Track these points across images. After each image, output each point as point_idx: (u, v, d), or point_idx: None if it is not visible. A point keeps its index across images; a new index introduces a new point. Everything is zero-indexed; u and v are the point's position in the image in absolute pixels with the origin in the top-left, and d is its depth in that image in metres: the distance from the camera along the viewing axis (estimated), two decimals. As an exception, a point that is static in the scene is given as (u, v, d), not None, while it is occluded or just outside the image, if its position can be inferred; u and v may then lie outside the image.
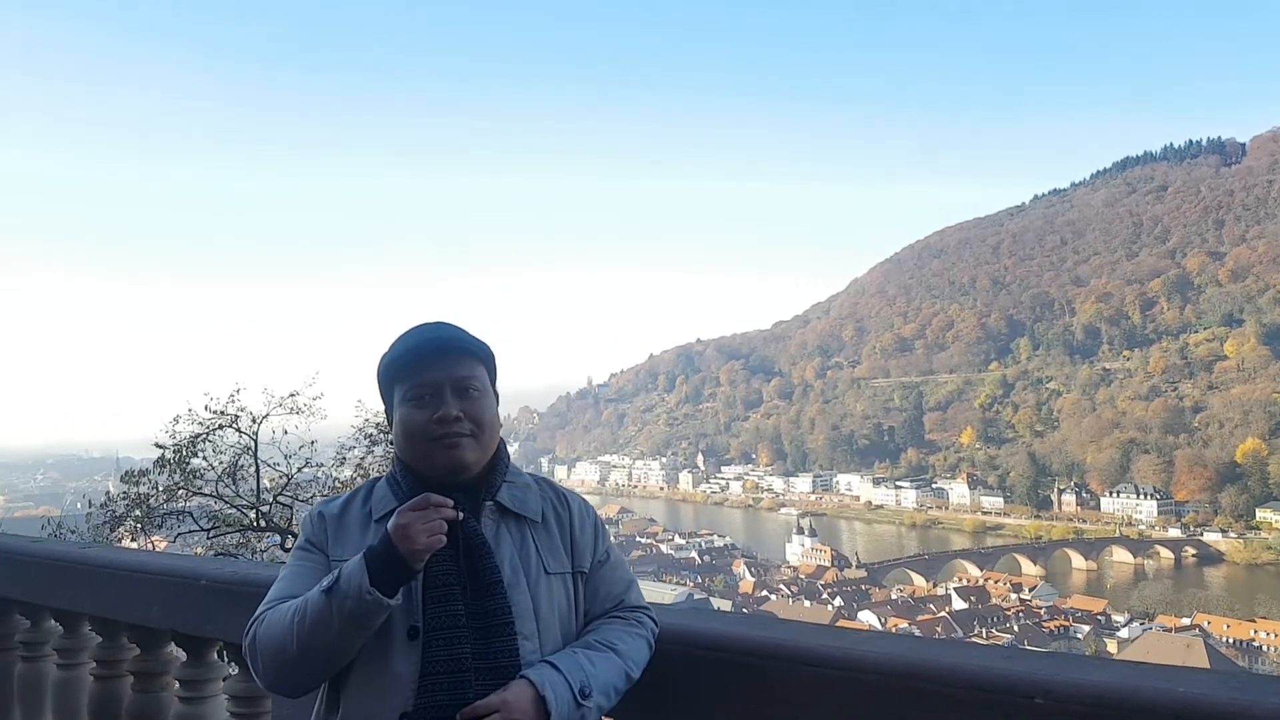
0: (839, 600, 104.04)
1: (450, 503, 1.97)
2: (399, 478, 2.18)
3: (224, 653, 3.56)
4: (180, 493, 17.37)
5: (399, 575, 1.91)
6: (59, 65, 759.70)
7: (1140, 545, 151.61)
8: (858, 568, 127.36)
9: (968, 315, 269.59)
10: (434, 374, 2.11)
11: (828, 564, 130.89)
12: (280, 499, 17.66)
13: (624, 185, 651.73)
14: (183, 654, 3.54)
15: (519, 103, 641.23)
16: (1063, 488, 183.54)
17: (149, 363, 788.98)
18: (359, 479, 16.56)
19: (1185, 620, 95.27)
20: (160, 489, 17.25)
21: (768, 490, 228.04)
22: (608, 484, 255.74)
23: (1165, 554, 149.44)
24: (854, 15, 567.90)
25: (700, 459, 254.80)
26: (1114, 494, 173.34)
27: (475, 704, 1.89)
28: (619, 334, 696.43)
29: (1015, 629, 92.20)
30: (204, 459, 17.56)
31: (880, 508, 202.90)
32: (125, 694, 3.68)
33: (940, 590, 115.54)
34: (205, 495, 17.58)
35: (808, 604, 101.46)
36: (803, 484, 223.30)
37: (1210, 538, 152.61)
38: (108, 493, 18.47)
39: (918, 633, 67.07)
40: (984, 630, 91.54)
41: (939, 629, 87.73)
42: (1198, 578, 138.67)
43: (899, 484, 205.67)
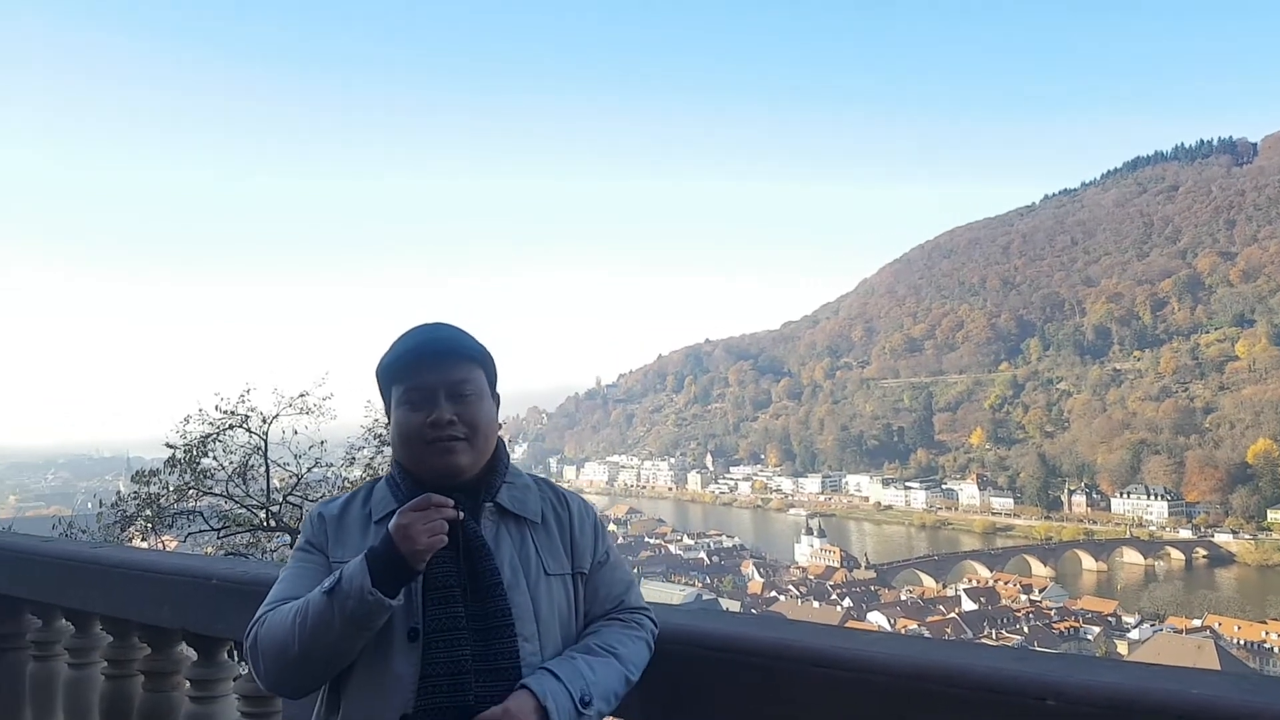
0: (848, 601, 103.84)
1: (451, 503, 1.97)
2: (398, 479, 2.17)
3: (235, 652, 3.56)
4: (191, 492, 17.48)
5: (401, 576, 1.91)
6: (58, 64, 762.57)
7: (1151, 546, 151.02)
8: (867, 569, 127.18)
9: (978, 315, 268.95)
10: (429, 377, 2.10)
11: (837, 565, 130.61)
12: (290, 499, 17.73)
13: (633, 186, 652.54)
14: (194, 653, 3.54)
15: (525, 103, 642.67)
16: (1073, 489, 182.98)
17: (148, 363, 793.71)
18: (368, 479, 16.57)
19: (1196, 622, 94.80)
20: (171, 489, 17.35)
21: (776, 491, 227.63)
22: (616, 484, 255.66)
23: (1176, 555, 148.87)
24: (861, 14, 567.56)
25: (709, 459, 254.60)
26: (1124, 495, 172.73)
27: (478, 716, 1.90)
28: (627, 334, 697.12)
29: (1025, 630, 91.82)
30: (214, 459, 17.66)
31: (889, 508, 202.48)
32: (136, 693, 3.68)
33: (950, 591, 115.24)
34: (215, 495, 17.69)
35: (816, 605, 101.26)
36: (812, 484, 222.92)
37: (1221, 539, 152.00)
38: (118, 492, 18.61)
39: (927, 634, 66.94)
40: (994, 631, 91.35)
41: (948, 630, 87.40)
42: (1209, 579, 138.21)
43: (908, 485, 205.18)
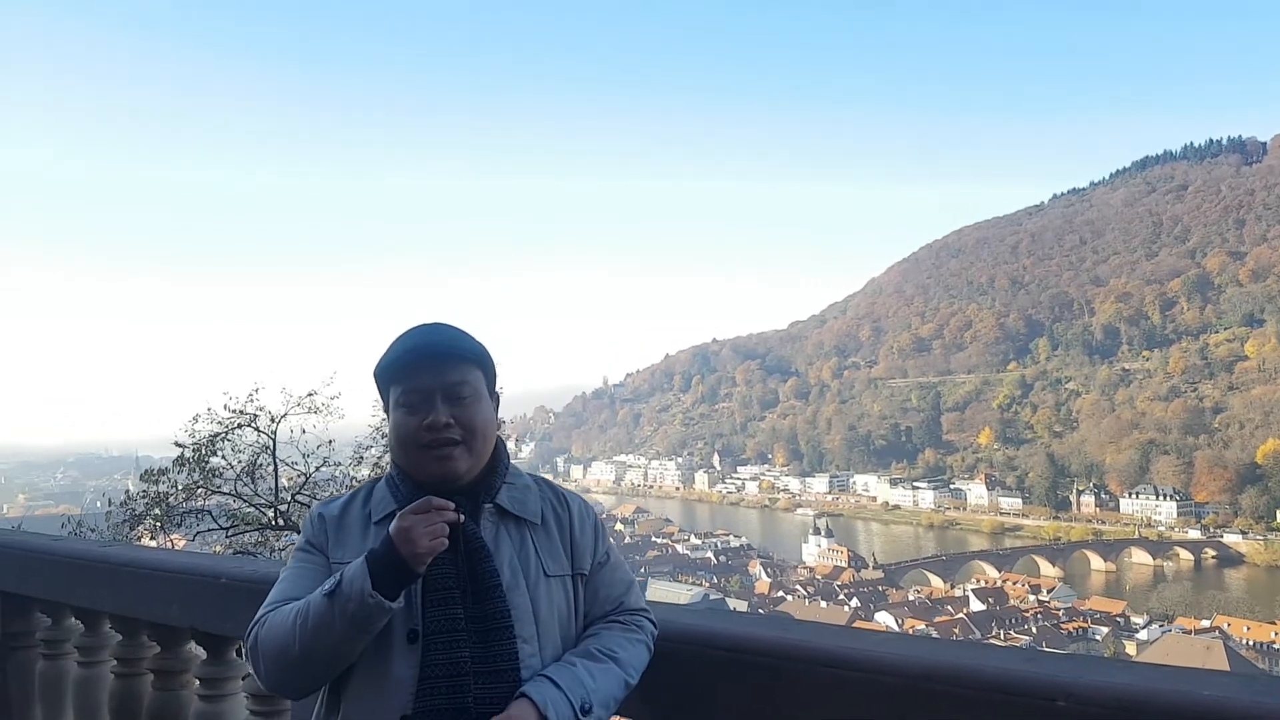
0: (855, 601, 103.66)
1: (451, 505, 1.96)
2: (397, 480, 2.16)
3: (243, 651, 3.57)
4: (199, 491, 17.47)
5: (401, 578, 1.91)
6: (58, 64, 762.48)
7: (1159, 547, 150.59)
8: (874, 568, 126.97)
9: (986, 315, 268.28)
10: (425, 379, 2.08)
11: (844, 565, 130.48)
12: (298, 498, 17.71)
13: (641, 185, 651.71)
14: (202, 652, 3.54)
15: (525, 103, 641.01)
16: (1081, 489, 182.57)
17: (149, 362, 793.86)
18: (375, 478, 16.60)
19: (1205, 622, 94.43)
20: (179, 488, 17.35)
21: (784, 490, 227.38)
22: (623, 484, 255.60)
23: (1185, 555, 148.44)
24: (866, 14, 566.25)
25: (716, 459, 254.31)
26: (1133, 495, 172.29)
27: None
28: (635, 334, 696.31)
29: (1033, 631, 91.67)
30: (223, 458, 17.64)
31: (897, 508, 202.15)
32: (145, 692, 3.68)
33: (958, 591, 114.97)
34: (224, 494, 17.68)
35: (824, 605, 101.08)
36: (819, 484, 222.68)
37: (1230, 539, 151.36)
38: (127, 491, 18.62)
39: (935, 634, 66.76)
40: (1002, 632, 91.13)
41: (956, 630, 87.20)
42: (1217, 579, 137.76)
43: (916, 485, 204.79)
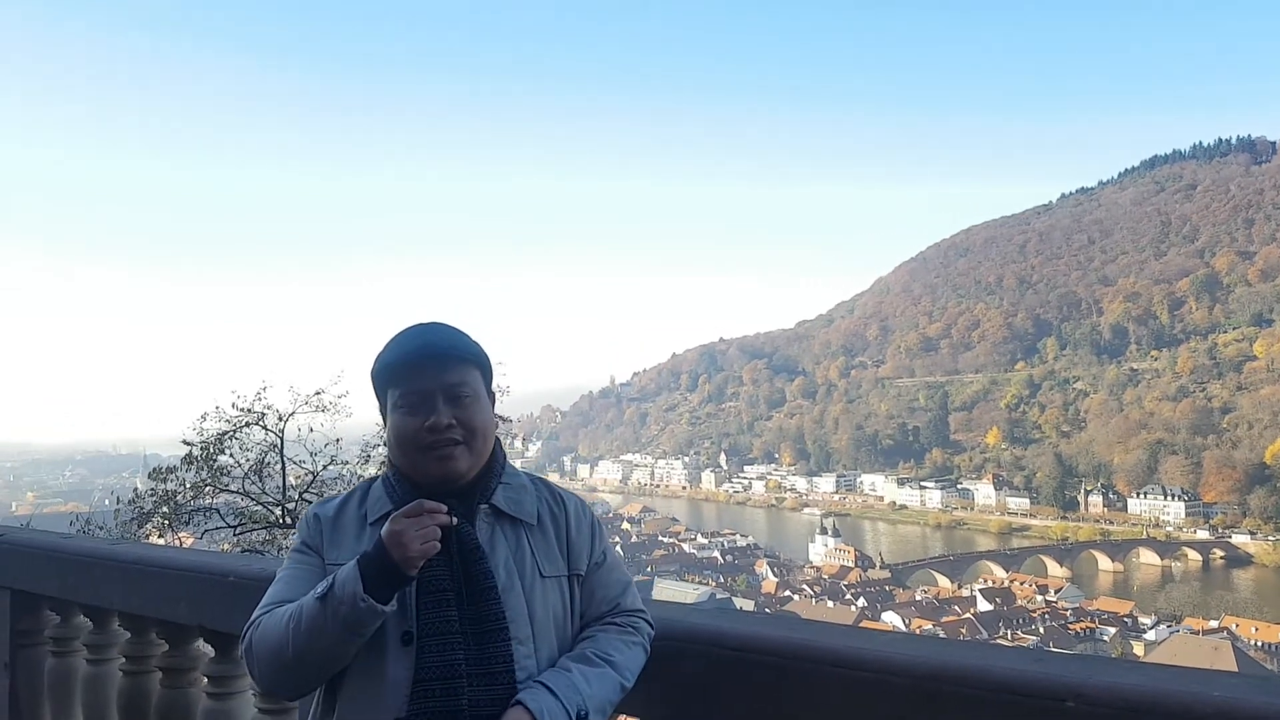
0: (862, 601, 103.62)
1: (444, 508, 1.94)
2: (394, 481, 2.15)
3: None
4: (207, 489, 17.52)
5: (393, 582, 1.89)
6: (58, 63, 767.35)
7: (1167, 547, 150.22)
8: (881, 568, 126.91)
9: (994, 315, 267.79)
10: (425, 381, 2.07)
11: (851, 564, 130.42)
12: (306, 496, 17.75)
13: (646, 186, 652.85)
14: (211, 650, 3.53)
15: (526, 103, 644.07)
16: (1089, 489, 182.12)
17: (149, 362, 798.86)
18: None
19: (1213, 623, 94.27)
20: (188, 486, 17.42)
21: (791, 490, 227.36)
22: (630, 483, 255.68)
23: (1193, 556, 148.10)
24: (876, 14, 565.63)
25: (723, 458, 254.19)
26: (1141, 495, 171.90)
27: None
28: (642, 333, 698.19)
29: (1040, 631, 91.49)
30: (231, 456, 17.69)
31: (904, 508, 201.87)
32: (154, 689, 3.68)
33: (965, 592, 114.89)
34: (232, 492, 17.74)
35: (831, 605, 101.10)
36: (826, 484, 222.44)
37: (1239, 540, 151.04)
38: (136, 489, 18.69)
39: (942, 634, 66.66)
40: (1009, 632, 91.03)
41: (964, 631, 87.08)
42: (1226, 580, 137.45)
43: (923, 484, 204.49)
